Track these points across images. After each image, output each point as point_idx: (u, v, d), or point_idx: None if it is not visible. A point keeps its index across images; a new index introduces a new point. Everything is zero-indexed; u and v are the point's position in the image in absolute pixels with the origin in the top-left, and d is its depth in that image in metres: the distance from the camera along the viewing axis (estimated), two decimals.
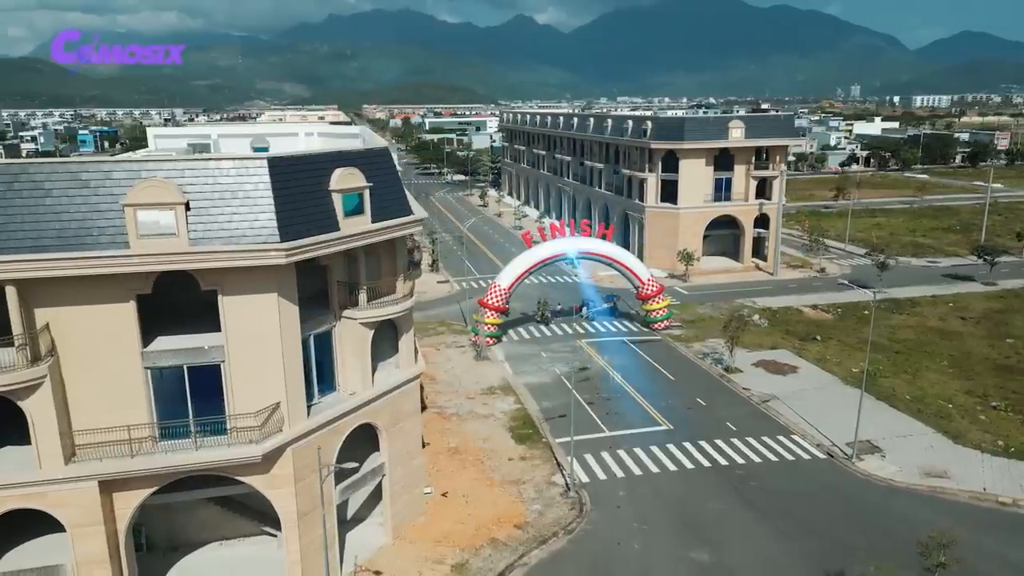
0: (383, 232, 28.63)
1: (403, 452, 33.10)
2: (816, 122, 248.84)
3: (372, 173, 28.50)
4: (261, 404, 26.03)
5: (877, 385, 49.73)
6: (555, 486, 37.75)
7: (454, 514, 35.10)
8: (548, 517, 34.98)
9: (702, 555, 32.06)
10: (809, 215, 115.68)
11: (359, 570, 31.01)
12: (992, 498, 36.04)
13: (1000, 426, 43.65)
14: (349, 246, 27.19)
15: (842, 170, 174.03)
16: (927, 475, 38.19)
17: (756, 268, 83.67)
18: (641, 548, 32.66)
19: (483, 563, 31.52)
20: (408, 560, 31.68)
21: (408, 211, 30.29)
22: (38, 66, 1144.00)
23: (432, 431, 43.99)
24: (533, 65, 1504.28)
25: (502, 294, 58.62)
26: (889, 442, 41.73)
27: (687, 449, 41.37)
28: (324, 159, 27.13)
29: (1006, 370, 52.63)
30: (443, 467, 39.69)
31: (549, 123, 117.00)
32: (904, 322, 63.78)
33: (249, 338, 25.52)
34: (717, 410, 46.50)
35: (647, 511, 35.56)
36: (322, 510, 28.58)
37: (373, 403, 30.71)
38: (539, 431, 44.02)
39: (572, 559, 31.99)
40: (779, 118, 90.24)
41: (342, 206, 26.92)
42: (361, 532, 33.57)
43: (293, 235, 24.61)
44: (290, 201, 24.98)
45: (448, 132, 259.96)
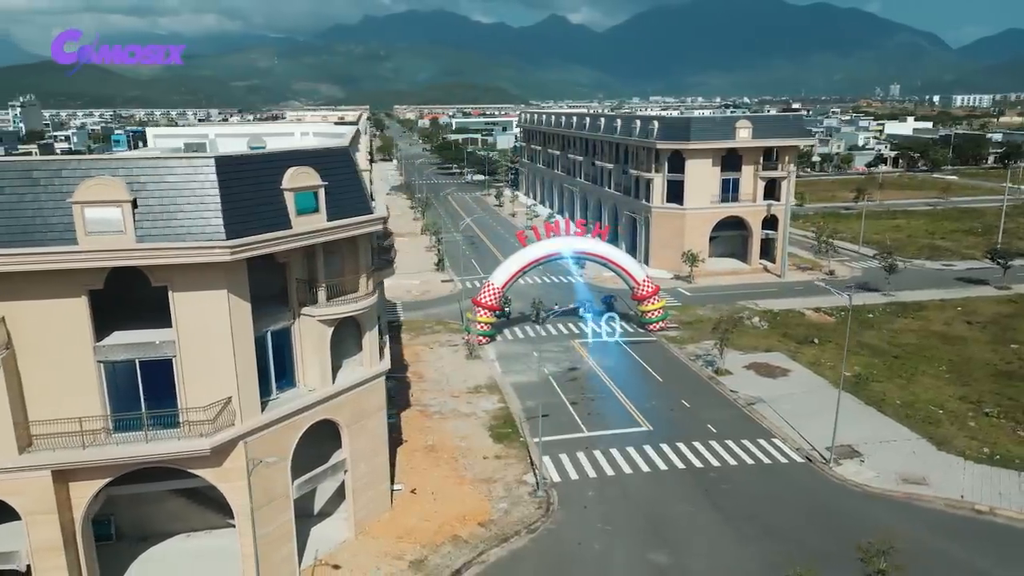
0: (339, 230, 28.98)
1: (366, 449, 33.47)
2: (846, 122, 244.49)
3: (329, 172, 28.88)
4: (212, 398, 26.56)
5: (868, 389, 48.95)
6: (525, 485, 37.84)
7: (420, 511, 35.41)
8: (513, 516, 35.11)
9: (660, 557, 31.93)
10: (826, 216, 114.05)
11: (319, 564, 31.44)
12: (968, 506, 35.29)
13: (989, 433, 42.66)
14: (301, 244, 27.61)
15: (868, 171, 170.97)
16: (904, 481, 37.51)
17: (764, 270, 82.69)
18: (601, 549, 32.62)
19: (442, 560, 31.77)
20: (368, 555, 32.06)
21: (367, 210, 30.63)
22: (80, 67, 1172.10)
23: (412, 428, 44.44)
24: (566, 65, 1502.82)
25: (496, 293, 58.82)
26: (871, 447, 41.05)
27: (663, 451, 41.15)
28: (276, 158, 27.59)
29: (1005, 376, 51.39)
30: (417, 464, 40.04)
31: (563, 123, 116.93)
32: (907, 326, 62.58)
33: (200, 334, 26.07)
34: (700, 412, 46.17)
35: (613, 512, 35.49)
36: (279, 504, 29.18)
37: (333, 400, 31.11)
38: (518, 430, 44.14)
39: (530, 558, 32.08)
40: (788, 118, 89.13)
41: (294, 204, 27.34)
42: (326, 526, 34.02)
43: (239, 233, 25.07)
44: (238, 199, 25.46)
45: (474, 132, 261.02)
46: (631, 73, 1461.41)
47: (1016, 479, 37.44)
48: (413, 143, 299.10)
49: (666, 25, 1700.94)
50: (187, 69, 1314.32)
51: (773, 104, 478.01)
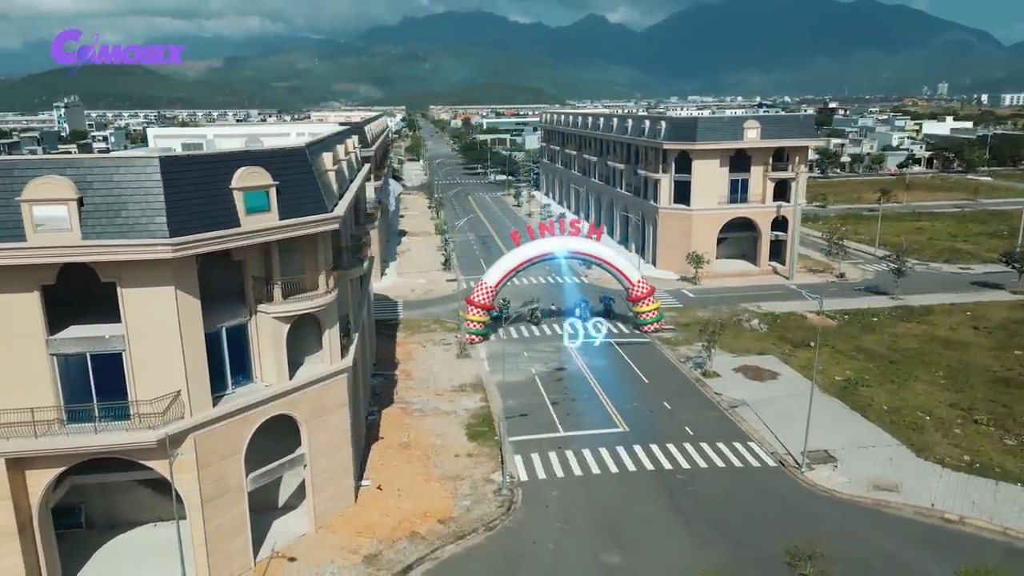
0: (290, 229, 29.59)
1: (327, 444, 34.03)
2: (882, 122, 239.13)
3: (283, 172, 29.53)
4: (161, 392, 27.33)
5: (856, 394, 48.15)
6: (492, 484, 38.07)
7: (383, 506, 35.88)
8: (474, 514, 35.38)
9: (612, 558, 31.91)
10: (847, 218, 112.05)
11: (275, 555, 32.09)
12: (938, 514, 34.56)
13: (973, 441, 41.67)
14: (250, 242, 28.24)
15: (900, 172, 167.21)
16: (876, 488, 36.87)
17: (773, 272, 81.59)
18: (554, 548, 32.72)
19: (396, 555, 32.20)
20: (325, 548, 32.62)
21: (323, 209, 31.19)
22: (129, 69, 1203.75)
23: (390, 425, 44.99)
24: (604, 64, 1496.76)
25: (489, 292, 59.12)
26: (848, 452, 40.41)
27: (635, 452, 41.03)
28: (225, 159, 28.28)
29: (1003, 383, 50.07)
30: (389, 461, 40.55)
31: (579, 124, 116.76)
32: (910, 330, 61.26)
33: (148, 329, 26.84)
34: (680, 414, 45.89)
35: (574, 512, 35.55)
36: (232, 497, 29.92)
37: (289, 396, 31.73)
38: (495, 429, 44.36)
39: (483, 555, 32.33)
40: (798, 118, 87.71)
41: (244, 203, 28.00)
42: (288, 519, 34.68)
43: (183, 231, 25.76)
44: (182, 198, 26.15)
45: (503, 132, 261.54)
46: (669, 72, 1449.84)
47: (992, 488, 36.54)
48: (444, 143, 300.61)
49: (705, 24, 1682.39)
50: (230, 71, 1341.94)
51: (812, 103, 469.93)
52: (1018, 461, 39.22)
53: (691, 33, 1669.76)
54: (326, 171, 34.82)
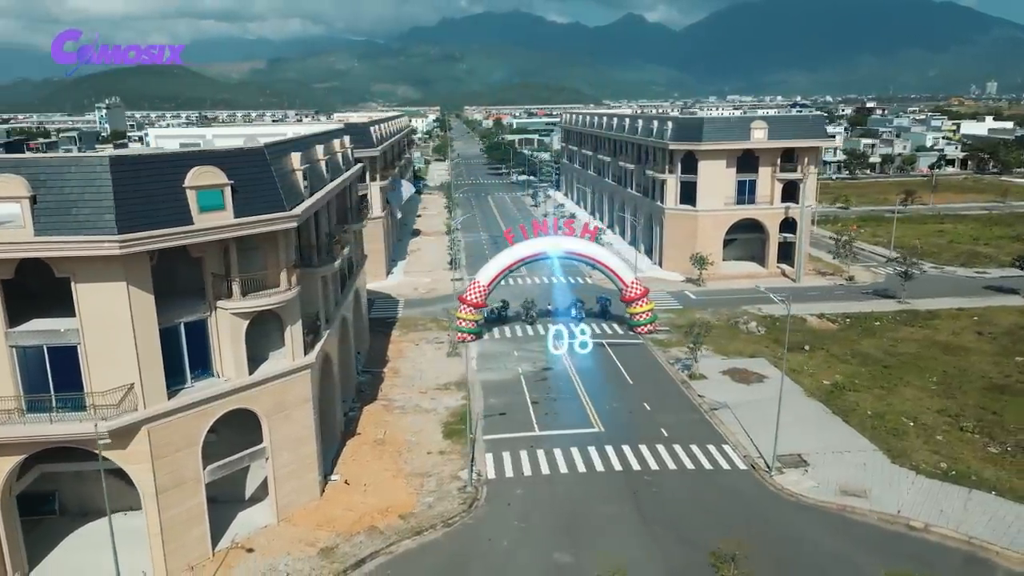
0: (244, 227, 30.29)
1: (290, 439, 34.69)
2: (919, 122, 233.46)
3: (239, 172, 30.28)
4: (115, 384, 28.25)
5: (842, 399, 47.42)
6: (458, 481, 38.39)
7: (347, 501, 36.45)
8: (436, 510, 35.74)
9: (564, 557, 31.99)
10: (867, 220, 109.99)
11: (234, 546, 32.86)
12: (903, 521, 33.96)
13: (955, 448, 40.79)
14: (200, 240, 28.99)
15: (930, 173, 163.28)
16: (844, 493, 36.33)
17: (782, 274, 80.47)
18: (509, 546, 32.92)
19: (351, 548, 32.72)
20: (284, 540, 33.29)
21: (281, 208, 31.84)
22: (175, 71, 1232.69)
23: (369, 422, 45.60)
24: (641, 64, 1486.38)
25: (481, 291, 59.47)
26: (821, 457, 39.87)
27: (607, 453, 40.99)
28: (179, 158, 29.11)
29: (998, 389, 48.85)
30: (362, 456, 41.12)
31: (594, 124, 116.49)
32: (911, 335, 60.03)
33: (101, 323, 27.76)
34: (659, 415, 45.70)
35: (535, 510, 35.70)
36: (189, 488, 30.76)
37: (249, 390, 32.46)
38: (470, 428, 44.60)
39: (437, 551, 32.67)
40: (807, 118, 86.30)
41: (197, 202, 28.78)
42: (253, 512, 35.40)
43: (131, 228, 26.59)
44: (133, 197, 26.98)
45: (532, 132, 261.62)
46: (708, 72, 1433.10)
47: (964, 496, 35.76)
48: (474, 143, 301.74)
49: (746, 22, 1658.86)
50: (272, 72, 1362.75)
51: (852, 103, 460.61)
52: (997, 469, 38.30)
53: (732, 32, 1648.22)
54: (293, 171, 35.50)
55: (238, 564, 31.70)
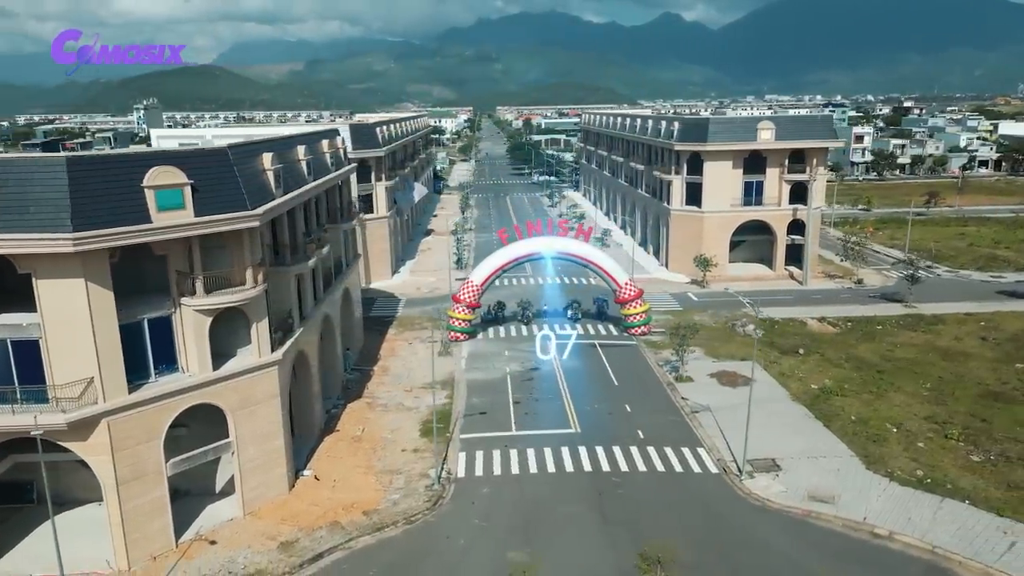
0: (205, 226, 30.98)
1: (256, 434, 35.32)
2: (954, 122, 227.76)
3: (201, 172, 30.99)
4: (76, 377, 29.14)
5: (827, 403, 46.71)
6: (427, 479, 38.70)
7: (314, 496, 37.00)
8: (400, 507, 36.11)
9: (518, 556, 32.05)
10: (886, 222, 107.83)
11: (198, 538, 33.60)
12: (868, 528, 33.40)
13: (935, 455, 39.94)
14: (156, 238, 29.73)
15: (961, 174, 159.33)
16: (811, 499, 35.84)
17: (790, 277, 79.38)
18: (465, 544, 33.13)
19: (311, 543, 33.23)
20: (246, 534, 33.93)
21: (244, 207, 32.47)
22: (216, 73, 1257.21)
23: (351, 419, 46.17)
24: (678, 64, 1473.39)
25: (475, 290, 59.74)
26: (795, 462, 39.35)
27: (579, 453, 40.96)
28: (137, 159, 29.89)
29: (992, 396, 47.66)
30: (337, 453, 41.68)
31: (610, 125, 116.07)
32: (911, 339, 58.81)
33: (61, 318, 28.64)
34: (638, 417, 45.51)
35: (497, 509, 35.87)
36: (150, 480, 31.58)
37: (212, 386, 33.16)
38: (449, 427, 44.99)
39: (394, 547, 33.01)
40: (815, 119, 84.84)
41: (155, 201, 29.53)
42: (222, 505, 36.10)
43: (87, 226, 27.42)
44: (89, 196, 27.79)
45: (559, 133, 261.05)
46: (747, 71, 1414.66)
47: (935, 504, 35.03)
48: (502, 144, 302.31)
49: (786, 20, 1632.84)
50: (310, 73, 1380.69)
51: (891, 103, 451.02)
52: (975, 478, 37.44)
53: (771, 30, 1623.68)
54: (264, 171, 36.18)
55: (199, 556, 32.40)
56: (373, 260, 79.94)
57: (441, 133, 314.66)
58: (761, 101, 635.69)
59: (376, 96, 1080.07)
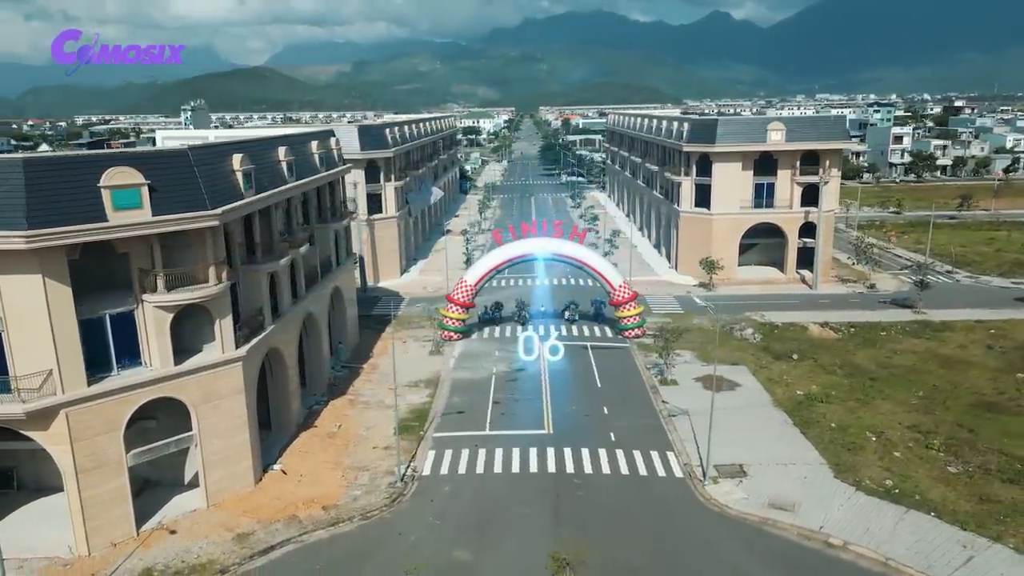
0: (162, 225, 31.96)
1: (221, 428, 36.22)
2: (1003, 122, 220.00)
3: (159, 172, 32.00)
4: (36, 369, 30.38)
5: (809, 410, 45.85)
6: (392, 476, 39.20)
7: (279, 490, 37.79)
8: (360, 503, 36.67)
9: (464, 555, 32.33)
10: (914, 225, 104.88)
11: (159, 527, 34.65)
12: (823, 538, 32.78)
13: (910, 465, 38.92)
14: (113, 236, 30.78)
15: (1005, 176, 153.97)
16: (771, 506, 35.30)
17: (801, 281, 77.90)
18: (415, 540, 33.48)
19: (266, 535, 33.98)
20: (206, 525, 34.84)
21: (204, 207, 33.36)
22: (267, 74, 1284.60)
23: (331, 415, 46.98)
24: (726, 62, 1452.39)
25: (468, 290, 60.13)
26: (763, 468, 38.76)
27: (547, 454, 40.97)
28: (95, 159, 31.00)
29: (985, 406, 46.17)
30: (310, 448, 42.47)
31: (631, 125, 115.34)
32: (913, 346, 57.24)
33: (21, 312, 29.87)
34: (614, 420, 45.31)
35: (453, 508, 36.15)
36: (111, 470, 32.72)
37: (173, 380, 34.17)
38: (424, 425, 45.43)
39: (345, 542, 33.53)
40: (828, 119, 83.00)
41: (111, 201, 30.59)
42: (188, 496, 37.04)
43: (41, 224, 28.59)
44: (44, 195, 28.96)
45: (594, 133, 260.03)
46: (798, 70, 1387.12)
47: (899, 515, 34.18)
48: (537, 144, 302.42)
49: (840, 18, 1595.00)
50: (357, 75, 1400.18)
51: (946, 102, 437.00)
52: (947, 490, 36.39)
53: (824, 28, 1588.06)
54: (233, 171, 37.11)
55: (158, 545, 33.40)
56: (381, 259, 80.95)
57: (477, 134, 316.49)
58: (811, 100, 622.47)
59: (421, 97, 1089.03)
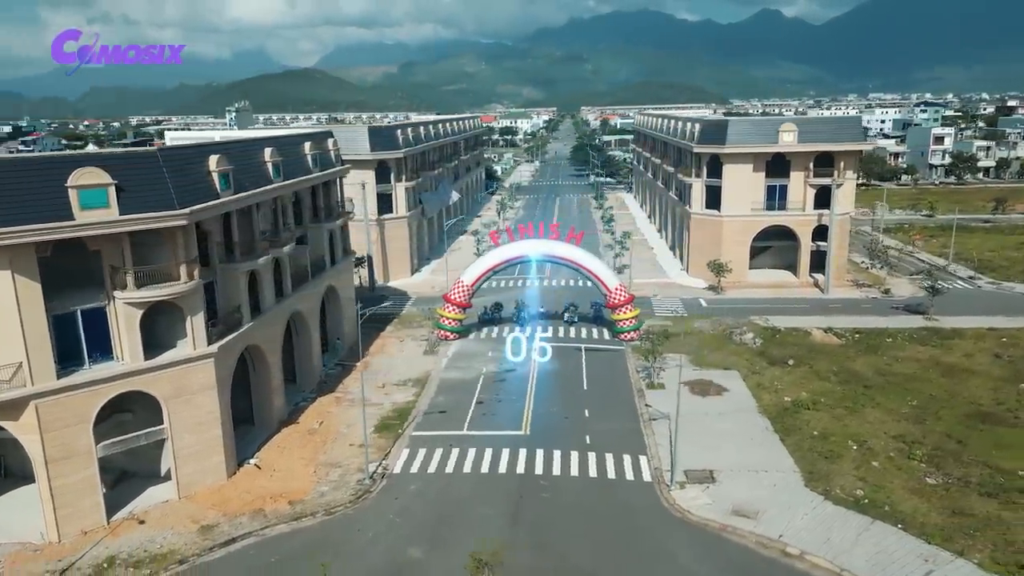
0: (130, 223, 32.97)
1: (193, 422, 37.15)
2: None
3: (127, 173, 33.03)
4: (5, 362, 31.63)
5: (794, 417, 45.01)
6: (363, 473, 39.69)
7: (250, 484, 38.59)
8: (326, 499, 37.24)
9: (418, 553, 32.63)
10: (943, 229, 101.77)
11: (130, 517, 35.72)
12: (780, 547, 32.22)
13: (886, 475, 37.93)
14: (80, 234, 31.87)
15: None
16: (734, 513, 34.79)
17: (814, 285, 76.28)
18: (372, 537, 33.88)
19: (229, 528, 34.78)
20: (175, 516, 35.78)
21: (173, 207, 34.28)
22: (316, 76, 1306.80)
23: (316, 412, 47.79)
24: (775, 61, 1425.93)
25: (465, 291, 60.48)
26: (734, 475, 38.21)
27: (518, 456, 41.00)
28: (62, 160, 32.16)
29: (979, 417, 44.69)
30: (288, 444, 43.25)
31: (653, 126, 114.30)
32: (917, 354, 55.64)
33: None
34: (593, 423, 45.10)
35: (417, 507, 36.45)
36: (81, 460, 33.89)
37: (143, 375, 35.17)
38: (404, 424, 45.84)
39: (305, 536, 34.10)
40: (843, 120, 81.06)
41: (78, 200, 31.69)
42: (162, 488, 38.08)
43: (6, 223, 29.78)
44: (11, 194, 30.15)
45: (629, 133, 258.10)
46: (850, 68, 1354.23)
47: (863, 526, 33.38)
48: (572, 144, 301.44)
49: (896, 14, 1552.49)
50: (405, 76, 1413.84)
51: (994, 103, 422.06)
52: (921, 501, 35.40)
53: (879, 25, 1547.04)
54: (209, 172, 38.03)
55: (126, 534, 34.44)
56: (392, 259, 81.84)
57: (514, 134, 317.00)
58: (864, 99, 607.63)
59: (467, 97, 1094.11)
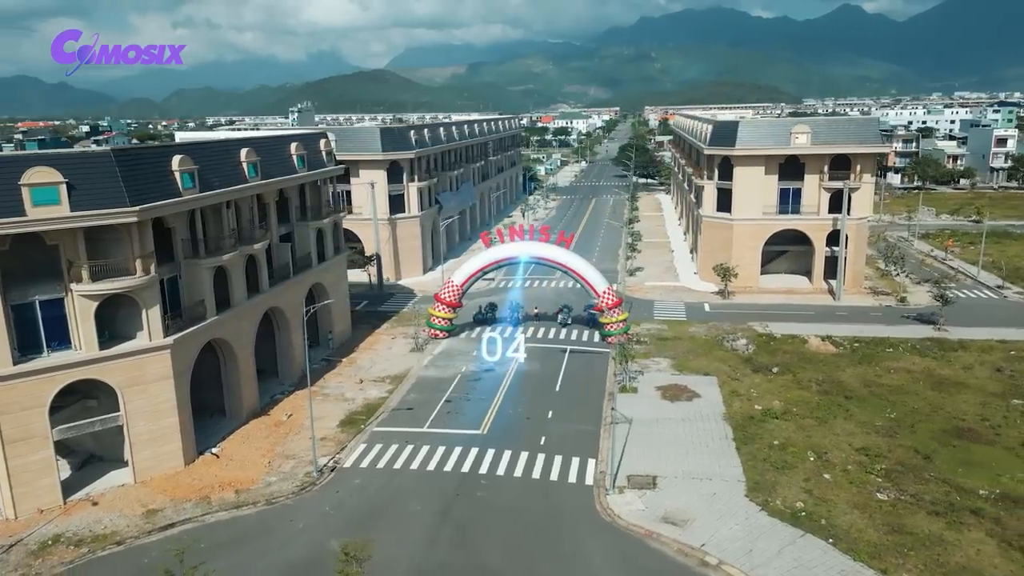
0: (78, 220, 34.75)
1: (149, 411, 38.84)
2: None
3: (79, 172, 34.85)
4: None
5: (760, 426, 44.00)
6: (313, 466, 40.72)
7: (204, 472, 40.09)
8: (271, 489, 38.38)
9: (336, 545, 33.19)
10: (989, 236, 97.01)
11: (85, 498, 37.62)
12: (699, 556, 31.68)
13: (833, 488, 36.74)
14: (32, 229, 33.80)
15: None
16: (663, 520, 34.35)
17: (827, 291, 73.94)
18: (301, 528, 34.76)
19: (172, 512, 36.24)
20: (126, 500, 37.47)
21: (124, 204, 35.93)
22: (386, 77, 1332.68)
23: (289, 405, 49.12)
24: (855, 59, 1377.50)
25: (455, 290, 61.10)
26: (676, 481, 37.67)
27: (468, 455, 41.34)
28: (15, 160, 34.12)
29: (955, 433, 42.72)
30: (253, 435, 44.67)
31: (683, 127, 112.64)
32: (912, 365, 53.47)
33: None
34: (553, 425, 45.05)
35: (353, 500, 37.23)
36: (37, 443, 35.94)
37: (98, 364, 36.99)
38: (368, 419, 46.71)
39: (240, 524, 35.24)
40: (859, 122, 77.93)
41: (30, 197, 33.62)
42: (120, 472, 39.82)
43: None
44: None
45: None
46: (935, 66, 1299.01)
47: (791, 539, 32.49)
48: None
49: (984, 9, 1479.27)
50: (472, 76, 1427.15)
51: None
52: (862, 517, 34.19)
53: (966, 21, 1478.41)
54: (172, 172, 39.67)
55: (79, 514, 36.29)
56: (403, 257, 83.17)
57: (567, 134, 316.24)
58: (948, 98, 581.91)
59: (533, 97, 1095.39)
